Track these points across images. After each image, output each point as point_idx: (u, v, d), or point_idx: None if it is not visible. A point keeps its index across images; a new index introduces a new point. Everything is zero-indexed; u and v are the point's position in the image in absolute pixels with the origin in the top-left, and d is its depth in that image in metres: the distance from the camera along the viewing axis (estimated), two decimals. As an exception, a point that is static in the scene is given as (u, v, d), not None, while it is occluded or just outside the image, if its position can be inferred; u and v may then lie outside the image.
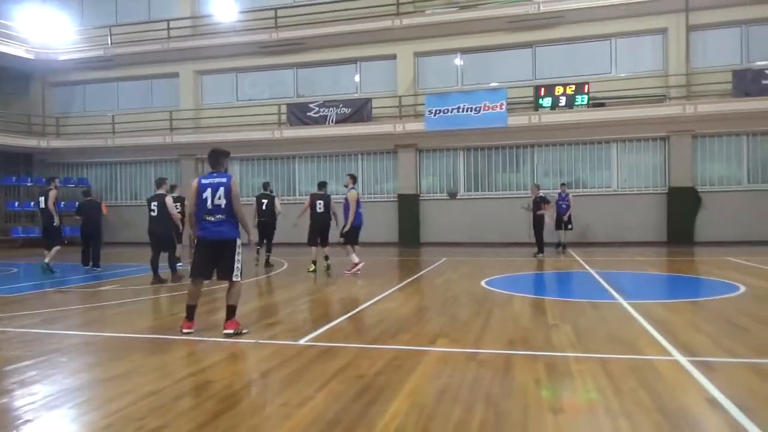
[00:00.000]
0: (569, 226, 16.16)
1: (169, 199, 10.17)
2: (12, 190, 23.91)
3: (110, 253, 17.68)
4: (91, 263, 12.84)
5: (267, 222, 12.79)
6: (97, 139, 22.83)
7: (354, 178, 11.41)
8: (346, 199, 11.09)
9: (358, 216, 11.02)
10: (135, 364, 4.83)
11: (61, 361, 5.03)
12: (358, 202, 11.03)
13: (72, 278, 11.52)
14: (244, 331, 5.90)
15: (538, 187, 15.10)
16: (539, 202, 14.65)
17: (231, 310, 5.89)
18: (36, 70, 23.86)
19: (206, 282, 9.49)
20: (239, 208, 5.87)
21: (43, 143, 22.83)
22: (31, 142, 22.72)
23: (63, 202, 12.80)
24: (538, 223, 14.62)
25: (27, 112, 23.82)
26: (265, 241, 12.88)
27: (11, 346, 5.55)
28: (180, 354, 5.21)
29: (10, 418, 3.62)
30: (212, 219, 5.82)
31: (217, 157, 6.07)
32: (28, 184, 23.59)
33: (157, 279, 10.20)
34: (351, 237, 11.08)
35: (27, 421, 3.56)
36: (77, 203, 14.65)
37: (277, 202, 13.10)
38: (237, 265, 5.87)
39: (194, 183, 5.98)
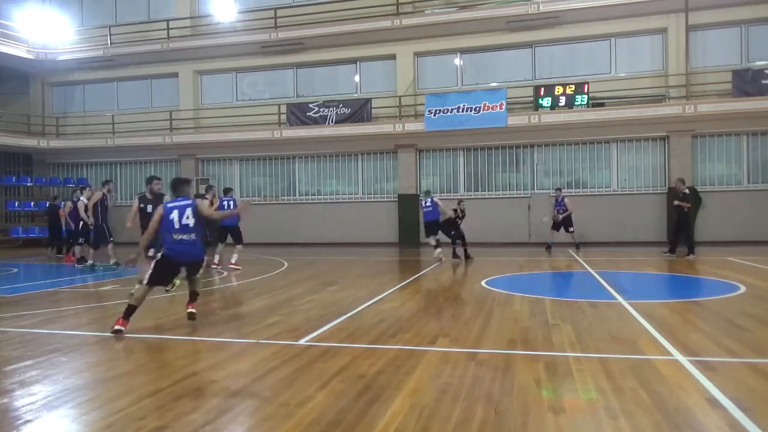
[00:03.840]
0: (570, 229, 16.16)
1: (204, 203, 11.54)
2: (12, 190, 23.95)
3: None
4: (58, 252, 16.60)
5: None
6: (97, 139, 22.82)
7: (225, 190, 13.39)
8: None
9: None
10: (135, 364, 4.83)
11: (62, 361, 5.03)
12: (220, 206, 12.25)
13: (71, 279, 11.52)
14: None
15: (683, 182, 13.86)
16: (685, 198, 13.32)
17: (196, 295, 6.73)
18: (36, 70, 23.86)
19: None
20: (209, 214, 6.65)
21: (42, 143, 22.81)
22: (30, 142, 22.70)
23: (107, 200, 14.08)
24: (685, 221, 13.47)
25: (27, 112, 23.81)
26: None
27: (11, 346, 5.55)
28: (180, 354, 5.22)
29: (11, 418, 3.62)
30: (184, 237, 6.22)
31: (181, 185, 6.59)
32: (28, 184, 23.61)
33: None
34: (218, 237, 12.57)
35: (27, 421, 3.56)
36: (47, 204, 18.23)
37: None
38: None
39: (160, 209, 6.41)
